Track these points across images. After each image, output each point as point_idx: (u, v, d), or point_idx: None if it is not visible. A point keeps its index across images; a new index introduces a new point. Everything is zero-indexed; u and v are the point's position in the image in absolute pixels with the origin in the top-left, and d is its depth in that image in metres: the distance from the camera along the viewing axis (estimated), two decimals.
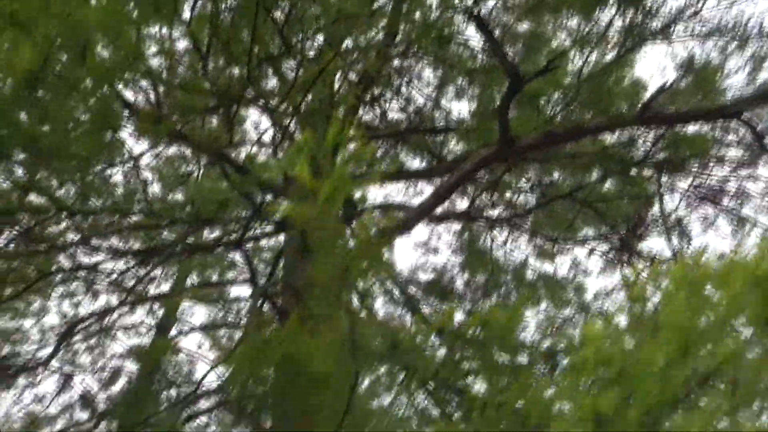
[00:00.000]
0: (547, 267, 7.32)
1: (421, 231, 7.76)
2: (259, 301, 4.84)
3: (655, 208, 6.40)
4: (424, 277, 7.70)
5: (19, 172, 4.89)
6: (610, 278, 7.00)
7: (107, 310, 5.96)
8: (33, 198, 5.24)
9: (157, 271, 6.18)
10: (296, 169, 3.00)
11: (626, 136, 5.83)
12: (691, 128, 5.81)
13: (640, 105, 4.91)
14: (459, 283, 7.67)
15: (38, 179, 4.82)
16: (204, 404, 4.61)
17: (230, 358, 4.75)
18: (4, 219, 5.00)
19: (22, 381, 5.82)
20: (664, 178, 6.04)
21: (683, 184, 6.13)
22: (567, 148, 6.04)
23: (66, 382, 6.14)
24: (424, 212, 5.93)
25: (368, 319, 3.43)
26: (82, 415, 6.05)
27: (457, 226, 7.26)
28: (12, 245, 5.59)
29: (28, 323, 6.17)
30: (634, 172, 6.28)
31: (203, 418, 4.33)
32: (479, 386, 3.51)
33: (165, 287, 6.52)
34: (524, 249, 7.06)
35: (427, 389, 3.71)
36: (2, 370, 5.52)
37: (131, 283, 5.89)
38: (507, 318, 3.20)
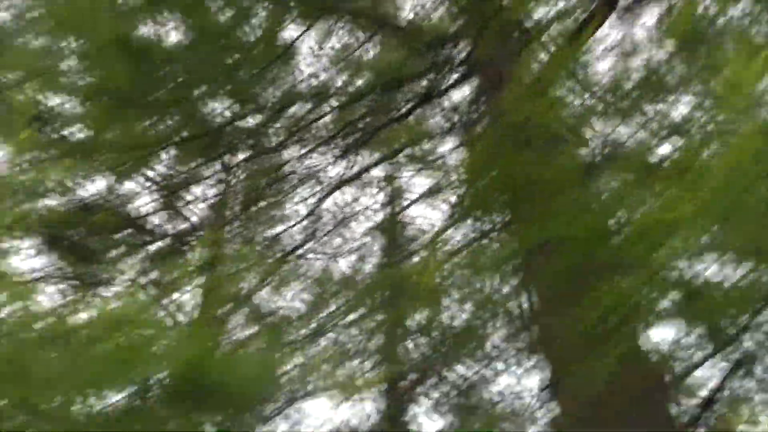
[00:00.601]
0: None
1: (610, 31, 6.91)
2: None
3: None
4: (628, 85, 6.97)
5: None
6: None
7: (330, 194, 6.50)
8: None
9: (366, 151, 6.52)
10: None
11: None
12: None
13: None
14: (671, 78, 6.81)
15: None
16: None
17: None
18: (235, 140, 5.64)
19: (283, 274, 6.70)
20: None
21: None
22: None
23: (323, 266, 6.99)
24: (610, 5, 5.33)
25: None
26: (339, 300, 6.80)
27: (654, 12, 6.34)
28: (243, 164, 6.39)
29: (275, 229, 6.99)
30: None
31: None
32: None
33: (377, 164, 6.86)
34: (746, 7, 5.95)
35: None
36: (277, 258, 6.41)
37: (347, 168, 6.34)
38: None
